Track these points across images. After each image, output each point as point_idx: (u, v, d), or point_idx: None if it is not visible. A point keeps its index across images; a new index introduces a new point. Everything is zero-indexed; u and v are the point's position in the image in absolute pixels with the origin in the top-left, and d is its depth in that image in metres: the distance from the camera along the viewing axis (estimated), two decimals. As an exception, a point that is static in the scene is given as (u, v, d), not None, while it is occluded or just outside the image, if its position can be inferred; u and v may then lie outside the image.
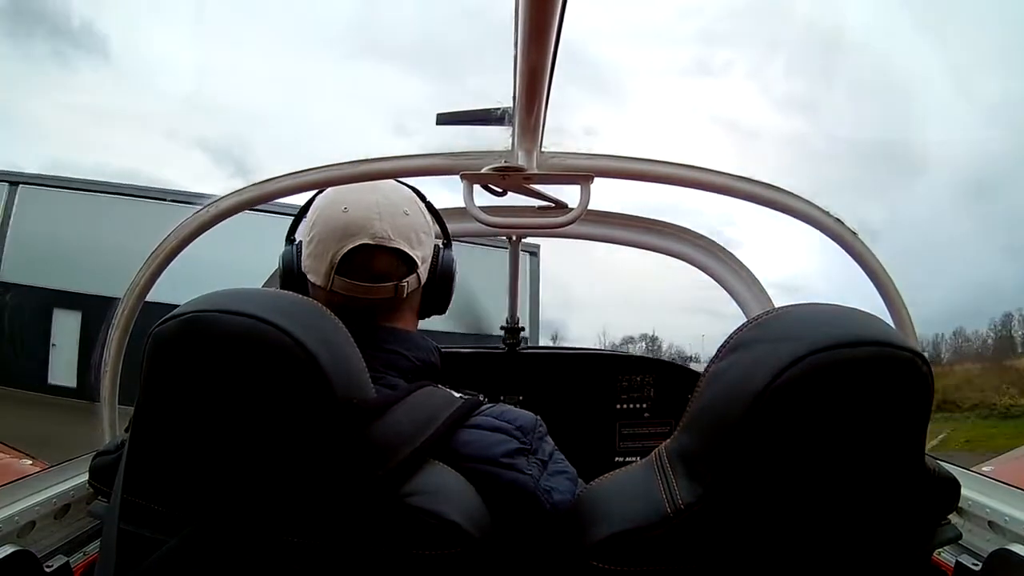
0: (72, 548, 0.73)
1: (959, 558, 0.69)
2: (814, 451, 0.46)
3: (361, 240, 0.64)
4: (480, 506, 0.52)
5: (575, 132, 21.41)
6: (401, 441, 0.51)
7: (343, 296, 0.65)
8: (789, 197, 0.84)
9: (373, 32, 9.34)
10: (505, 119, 0.76)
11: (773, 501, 0.47)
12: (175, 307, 0.49)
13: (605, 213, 1.20)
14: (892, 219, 17.75)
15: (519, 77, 0.64)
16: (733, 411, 0.45)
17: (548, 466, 0.59)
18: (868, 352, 0.44)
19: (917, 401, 0.46)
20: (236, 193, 0.82)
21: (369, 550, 0.49)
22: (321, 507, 0.48)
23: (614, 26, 25.26)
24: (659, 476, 0.50)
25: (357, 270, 0.65)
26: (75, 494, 0.76)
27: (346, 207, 0.66)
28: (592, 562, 0.49)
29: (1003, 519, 0.68)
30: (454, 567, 0.49)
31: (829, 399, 0.44)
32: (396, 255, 0.66)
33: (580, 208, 0.81)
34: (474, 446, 0.57)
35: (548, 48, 0.59)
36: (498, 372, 1.35)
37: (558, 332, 11.16)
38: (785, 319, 0.49)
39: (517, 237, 1.22)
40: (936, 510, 0.55)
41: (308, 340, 0.47)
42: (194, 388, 0.48)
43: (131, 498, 0.51)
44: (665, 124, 20.87)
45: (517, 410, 0.62)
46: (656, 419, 1.36)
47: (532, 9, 0.53)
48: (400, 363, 0.64)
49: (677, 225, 1.23)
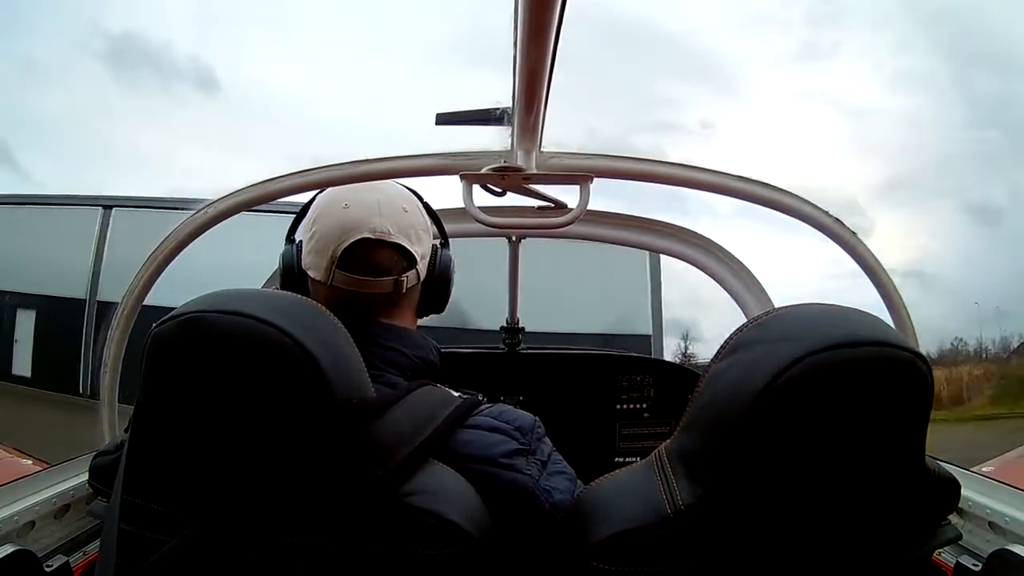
0: (72, 548, 0.73)
1: (959, 559, 0.69)
2: (814, 451, 0.46)
3: (362, 234, 0.65)
4: (480, 506, 0.52)
5: (691, 128, 20.91)
6: (400, 441, 0.51)
7: (343, 291, 0.65)
8: (789, 197, 0.84)
9: (477, 44, 9.46)
10: (504, 119, 0.75)
11: (773, 501, 0.47)
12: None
13: (605, 213, 1.20)
14: (1017, 196, 17.08)
15: (518, 77, 0.64)
16: (733, 411, 0.45)
17: (547, 466, 0.59)
18: (868, 352, 0.44)
19: (917, 401, 0.46)
20: (236, 193, 0.82)
21: (369, 550, 0.49)
22: (321, 507, 0.48)
23: (720, 15, 25.08)
24: (659, 476, 0.50)
25: (358, 264, 0.65)
26: (75, 494, 0.76)
27: (347, 204, 0.66)
28: (592, 562, 0.49)
29: (1003, 520, 0.68)
30: (454, 567, 0.49)
31: (829, 399, 0.44)
32: (396, 250, 0.67)
33: (580, 208, 0.81)
34: (473, 446, 0.57)
35: (547, 48, 0.59)
36: (498, 372, 1.35)
37: (689, 331, 10.30)
38: (785, 319, 0.49)
39: (517, 237, 1.22)
40: (936, 510, 0.55)
41: (307, 340, 0.47)
42: (193, 388, 0.48)
43: (131, 498, 0.51)
44: (779, 111, 20.64)
45: (516, 410, 0.62)
46: (656, 419, 1.36)
47: (531, 8, 0.53)
48: (400, 361, 0.64)
49: (677, 225, 1.23)
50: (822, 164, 18.51)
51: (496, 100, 0.75)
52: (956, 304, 13.01)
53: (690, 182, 0.82)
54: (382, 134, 12.10)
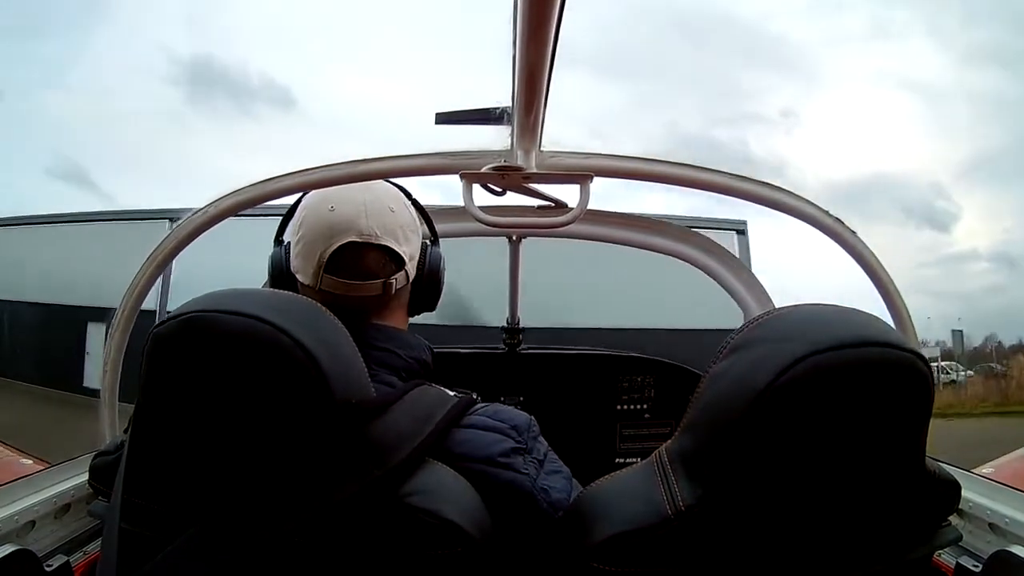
0: (72, 548, 0.73)
1: (959, 560, 0.69)
2: (815, 452, 0.46)
3: (348, 238, 0.64)
4: (479, 506, 0.52)
5: (772, 117, 21.07)
6: (401, 441, 0.51)
7: (332, 295, 0.65)
8: (789, 196, 0.83)
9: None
10: (504, 118, 0.75)
11: (774, 502, 0.47)
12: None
13: (605, 213, 1.20)
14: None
15: (518, 76, 0.64)
16: (734, 412, 0.45)
17: (544, 465, 0.59)
18: (869, 353, 0.44)
19: (918, 402, 0.46)
20: (235, 193, 0.82)
21: (369, 550, 0.49)
22: (321, 507, 0.48)
23: (789, 1, 24.95)
24: (660, 477, 0.50)
25: (345, 268, 0.65)
26: (75, 494, 0.76)
27: (332, 206, 0.66)
28: (592, 563, 0.49)
29: (1004, 521, 0.67)
30: (454, 567, 0.49)
31: (830, 400, 0.44)
32: (383, 252, 0.66)
33: (579, 208, 0.81)
34: (469, 445, 0.57)
35: (547, 46, 0.58)
36: (498, 372, 1.35)
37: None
38: (786, 319, 0.49)
39: (517, 237, 1.22)
40: (936, 511, 0.55)
41: (307, 339, 0.47)
42: (193, 388, 0.48)
43: (131, 498, 0.51)
44: (856, 95, 20.21)
45: (511, 409, 0.62)
46: (656, 420, 1.36)
47: (530, 7, 0.53)
48: (394, 362, 0.64)
49: (677, 225, 1.23)
50: (902, 147, 18.18)
51: (496, 99, 0.75)
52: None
53: (690, 182, 0.82)
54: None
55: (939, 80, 21.11)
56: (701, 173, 0.81)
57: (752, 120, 8.85)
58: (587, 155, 0.79)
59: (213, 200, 0.83)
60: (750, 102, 9.60)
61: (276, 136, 16.35)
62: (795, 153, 7.50)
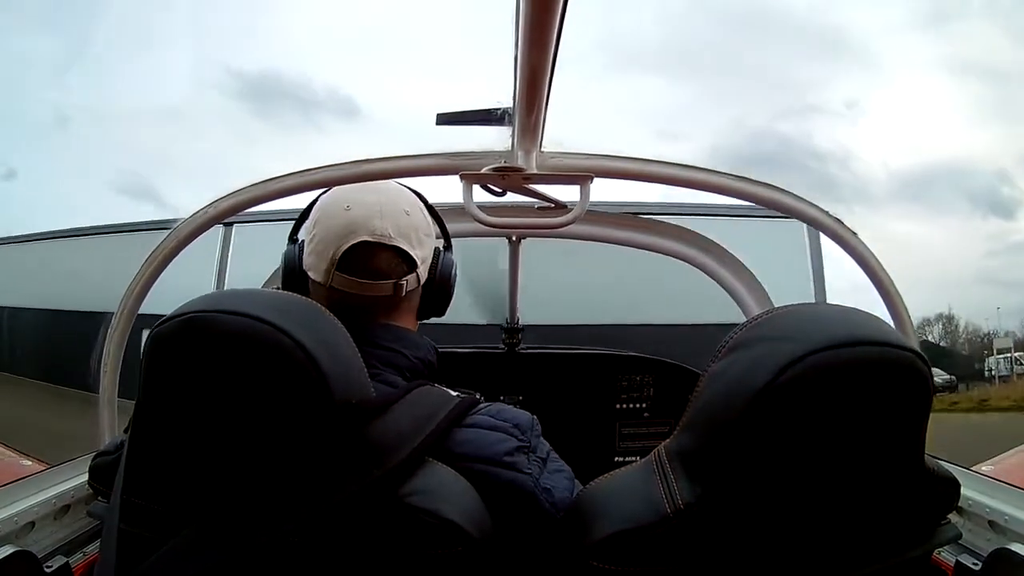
0: (72, 548, 0.73)
1: (959, 558, 0.69)
2: (814, 451, 0.46)
3: (362, 237, 0.65)
4: (480, 506, 0.52)
5: (836, 108, 20.98)
6: (402, 440, 0.51)
7: (342, 293, 0.65)
8: (789, 197, 0.84)
9: (620, 42, 8.93)
10: (505, 119, 0.75)
11: (773, 501, 0.47)
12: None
13: (605, 213, 1.20)
14: None
15: (519, 77, 0.64)
16: (733, 411, 0.45)
17: (547, 464, 0.59)
18: (868, 352, 0.44)
19: (917, 401, 0.46)
20: (236, 193, 0.82)
21: (369, 550, 0.49)
22: (321, 507, 0.48)
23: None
24: (659, 476, 0.50)
25: (357, 267, 0.65)
26: (75, 494, 0.76)
27: (348, 206, 0.66)
28: (592, 562, 0.49)
29: (1003, 518, 0.68)
30: (454, 567, 0.49)
31: (829, 399, 0.44)
32: (396, 253, 0.66)
33: (580, 208, 0.81)
34: (472, 445, 0.57)
35: (549, 48, 0.59)
36: (498, 372, 1.35)
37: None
38: (785, 319, 0.49)
39: (517, 237, 1.22)
40: (936, 509, 0.55)
41: (306, 340, 0.47)
42: (193, 388, 0.48)
43: (131, 498, 0.51)
44: (918, 82, 19.82)
45: (514, 409, 0.62)
46: (656, 419, 1.36)
47: (532, 8, 0.53)
48: (399, 361, 0.64)
49: (677, 225, 1.23)
50: (965, 133, 17.95)
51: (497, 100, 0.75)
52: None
53: (690, 182, 0.82)
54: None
55: (1001, 63, 20.79)
56: (700, 174, 0.82)
57: (816, 112, 8.82)
58: (587, 156, 0.79)
59: (213, 200, 0.83)
60: (812, 93, 9.47)
61: (341, 144, 16.43)
62: (860, 144, 7.42)
